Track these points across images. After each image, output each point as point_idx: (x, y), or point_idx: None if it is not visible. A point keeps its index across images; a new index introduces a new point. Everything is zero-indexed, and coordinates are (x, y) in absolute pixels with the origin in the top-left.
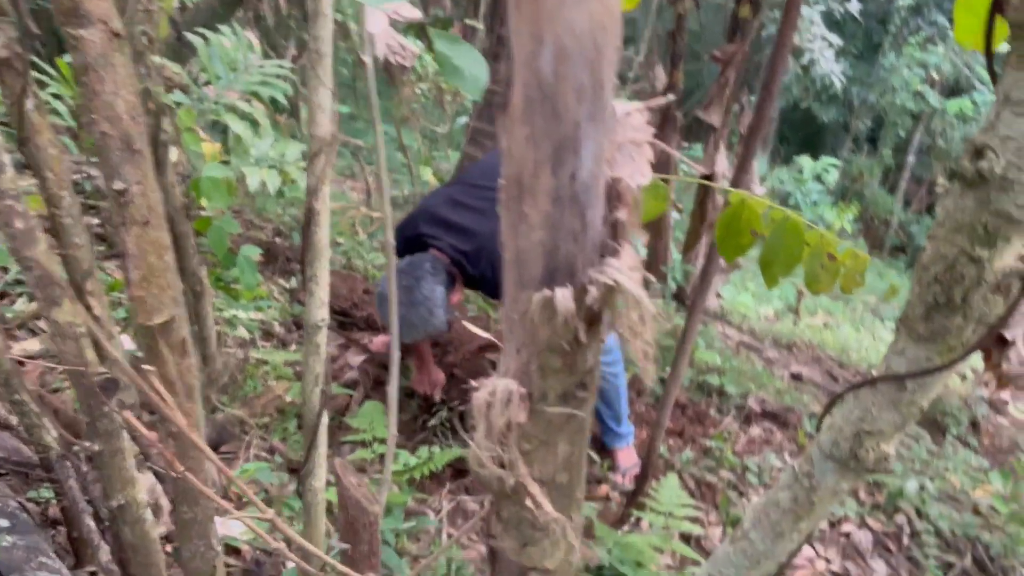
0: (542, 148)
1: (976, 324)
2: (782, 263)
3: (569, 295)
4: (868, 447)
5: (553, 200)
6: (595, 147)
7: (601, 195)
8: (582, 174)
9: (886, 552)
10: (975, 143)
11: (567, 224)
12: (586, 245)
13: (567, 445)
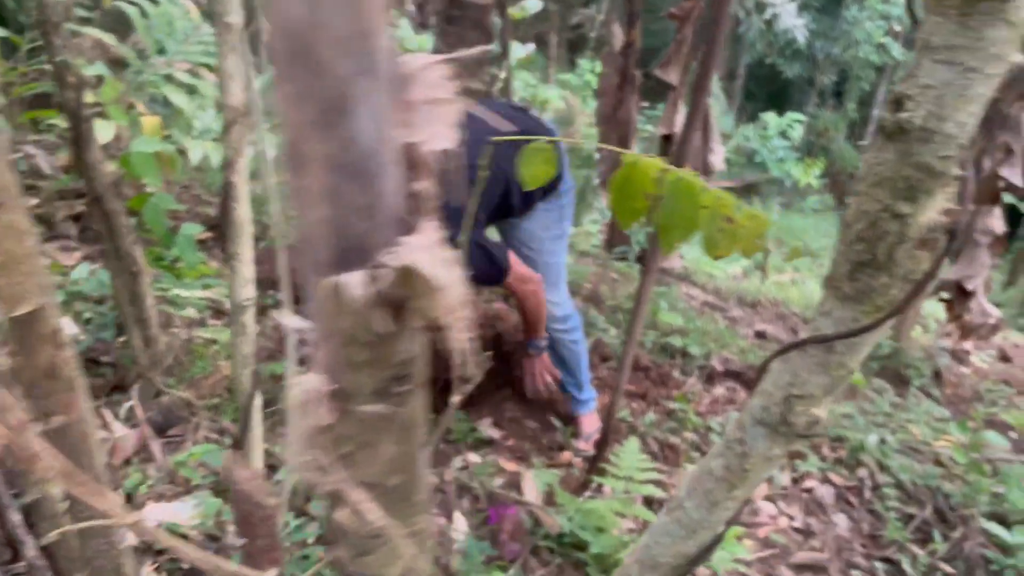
0: (308, 108)
1: (902, 282)
2: (679, 227)
3: (360, 281)
4: (799, 411)
5: (331, 169)
6: (373, 107)
7: (393, 163)
8: (361, 138)
9: (848, 506)
10: (896, 93)
11: (352, 198)
12: (380, 222)
13: (393, 445)
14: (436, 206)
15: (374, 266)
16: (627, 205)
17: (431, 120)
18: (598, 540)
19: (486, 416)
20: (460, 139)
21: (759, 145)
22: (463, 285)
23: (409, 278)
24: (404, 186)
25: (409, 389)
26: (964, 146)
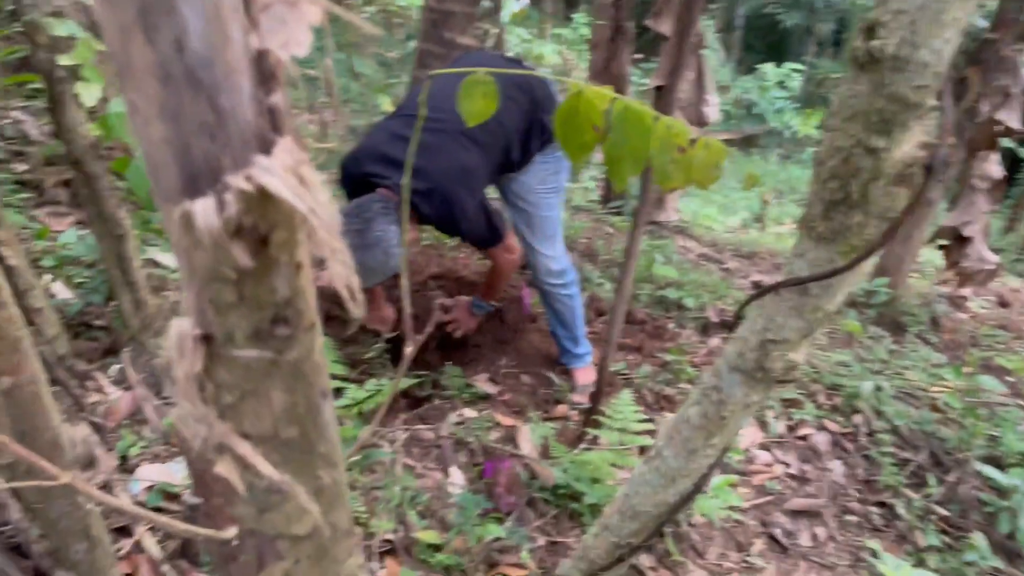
0: (123, 8)
1: (878, 220)
2: (629, 159)
3: (208, 207)
4: (775, 356)
5: (162, 80)
6: (204, 4)
7: (239, 72)
8: (192, 43)
9: (843, 452)
10: (868, 20)
11: (192, 113)
12: (230, 140)
13: (284, 393)
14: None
15: (224, 189)
16: (575, 139)
17: (284, 23)
18: (593, 491)
19: (482, 372)
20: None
21: (758, 96)
22: (333, 210)
23: (265, 203)
24: (256, 99)
25: (293, 333)
26: (940, 75)
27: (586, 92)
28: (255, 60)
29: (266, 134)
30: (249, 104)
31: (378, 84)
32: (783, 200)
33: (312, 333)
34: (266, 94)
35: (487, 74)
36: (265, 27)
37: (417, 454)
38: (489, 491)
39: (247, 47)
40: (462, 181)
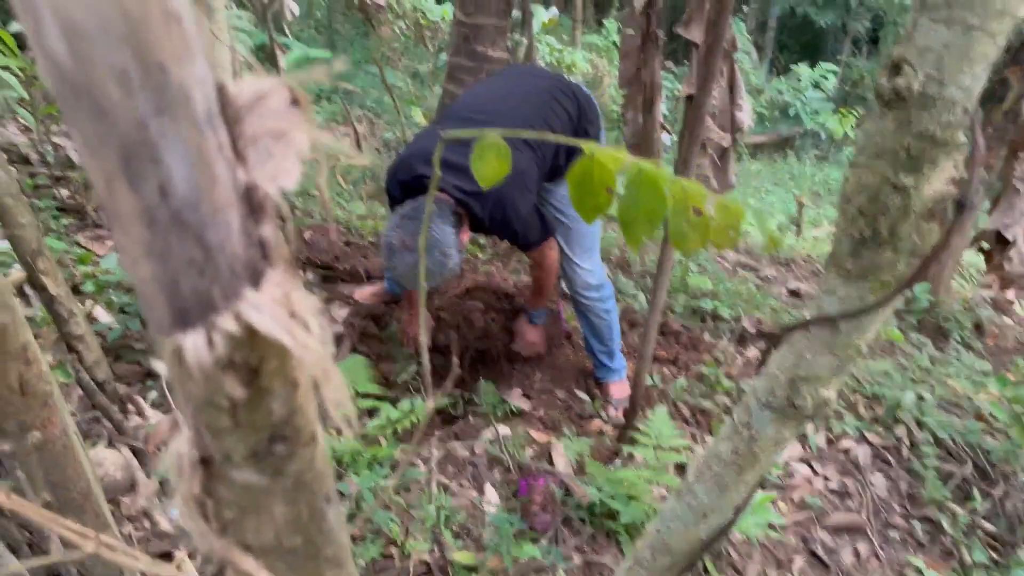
0: (105, 157)
1: (909, 256)
2: (643, 222)
3: (202, 343)
4: (806, 394)
5: (147, 225)
6: (188, 149)
7: (227, 208)
8: (177, 188)
9: (885, 465)
10: (892, 58)
11: (180, 253)
12: (219, 275)
13: (286, 505)
14: (283, 255)
15: (212, 327)
16: (588, 201)
17: (273, 155)
18: (628, 509)
19: (515, 387)
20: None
21: (792, 98)
22: (323, 340)
23: (254, 338)
24: (245, 232)
25: (294, 450)
26: (969, 110)
27: (599, 154)
28: (243, 194)
29: (257, 264)
30: (238, 238)
31: (410, 97)
32: (820, 202)
33: (313, 445)
34: (256, 226)
35: (531, 77)
36: (253, 160)
37: (452, 472)
38: (524, 509)
39: (235, 182)
40: (515, 182)
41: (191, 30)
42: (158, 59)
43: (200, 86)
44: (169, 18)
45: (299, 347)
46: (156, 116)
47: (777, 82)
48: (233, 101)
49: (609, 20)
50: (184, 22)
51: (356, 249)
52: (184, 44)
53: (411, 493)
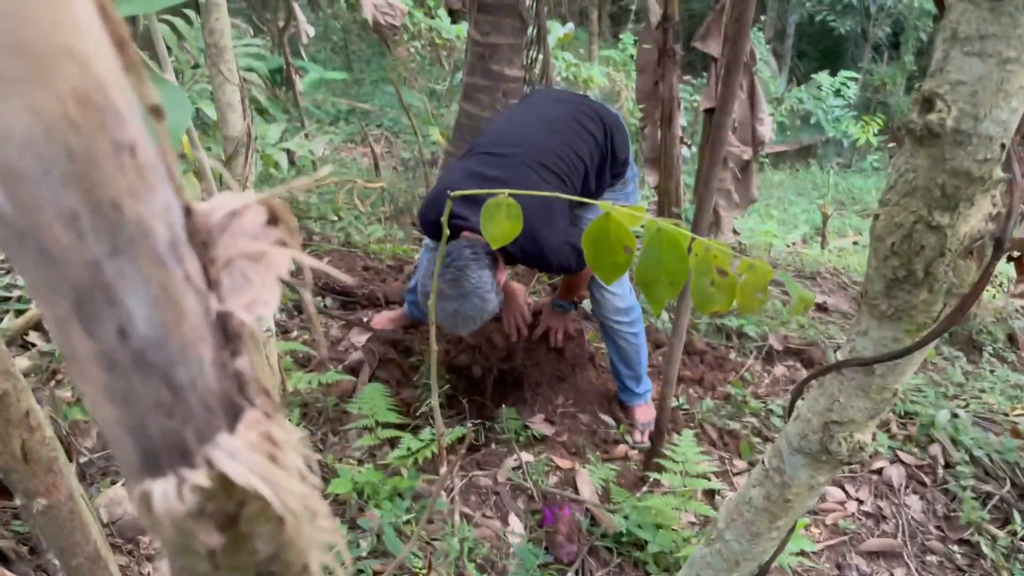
0: (56, 303)
1: (946, 296)
2: (664, 283)
3: (172, 491)
4: (840, 439)
5: (107, 368)
6: (150, 287)
7: (196, 343)
8: (139, 329)
9: (920, 486)
10: (923, 92)
11: (145, 394)
12: (191, 414)
13: None
14: (263, 386)
15: (182, 476)
16: (606, 260)
17: (249, 280)
18: (657, 538)
19: (538, 412)
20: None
21: (813, 106)
22: (304, 481)
23: (229, 487)
24: (220, 365)
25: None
26: (1007, 145)
27: (615, 213)
28: (217, 324)
29: (233, 399)
30: (211, 372)
31: (427, 116)
32: (844, 211)
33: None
34: (232, 357)
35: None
36: (227, 287)
37: (474, 502)
38: (549, 539)
39: (207, 313)
40: (543, 214)
41: (147, 158)
42: (110, 197)
43: (161, 217)
44: (119, 150)
45: (279, 495)
46: (111, 257)
47: (797, 91)
48: (203, 224)
49: (625, 34)
50: (139, 151)
51: (375, 273)
52: (139, 176)
53: (433, 524)
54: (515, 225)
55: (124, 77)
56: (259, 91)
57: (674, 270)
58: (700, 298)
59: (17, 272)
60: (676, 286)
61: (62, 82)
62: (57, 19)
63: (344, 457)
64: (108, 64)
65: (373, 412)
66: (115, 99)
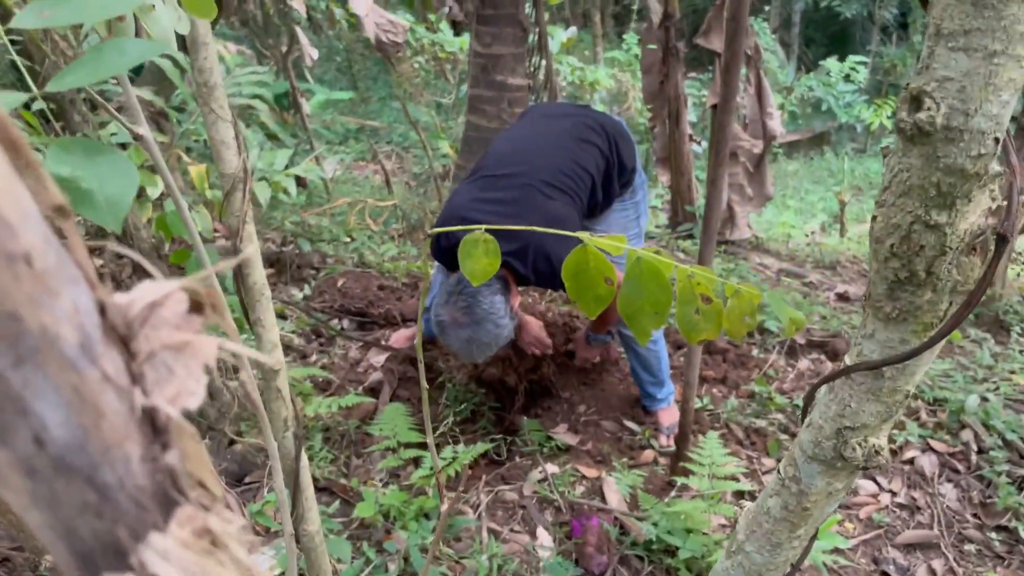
0: None
1: (951, 294)
2: (649, 312)
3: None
4: (854, 444)
5: (27, 475)
6: (61, 392)
7: (121, 442)
8: (55, 435)
9: (953, 474)
10: (911, 91)
11: (69, 498)
12: (121, 514)
13: None
14: (199, 477)
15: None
16: (588, 294)
17: (174, 372)
18: (688, 543)
19: (561, 422)
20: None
21: (824, 93)
22: (250, 568)
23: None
24: (150, 460)
25: None
26: (1001, 139)
27: (591, 243)
28: (143, 420)
29: (168, 493)
30: (140, 469)
31: (435, 130)
32: (862, 197)
33: None
34: (162, 451)
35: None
36: (151, 380)
37: (501, 517)
38: (579, 551)
39: (132, 409)
40: (555, 235)
41: (49, 263)
42: (7, 309)
43: (68, 320)
44: (13, 261)
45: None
46: (15, 368)
47: (806, 78)
48: (121, 318)
49: (629, 33)
50: (35, 259)
51: (390, 292)
52: (38, 283)
53: (461, 542)
54: (493, 261)
55: (18, 182)
56: (267, 117)
57: (657, 300)
58: (686, 327)
59: None
60: (661, 316)
61: None
62: None
63: (368, 480)
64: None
65: (395, 433)
66: (3, 210)
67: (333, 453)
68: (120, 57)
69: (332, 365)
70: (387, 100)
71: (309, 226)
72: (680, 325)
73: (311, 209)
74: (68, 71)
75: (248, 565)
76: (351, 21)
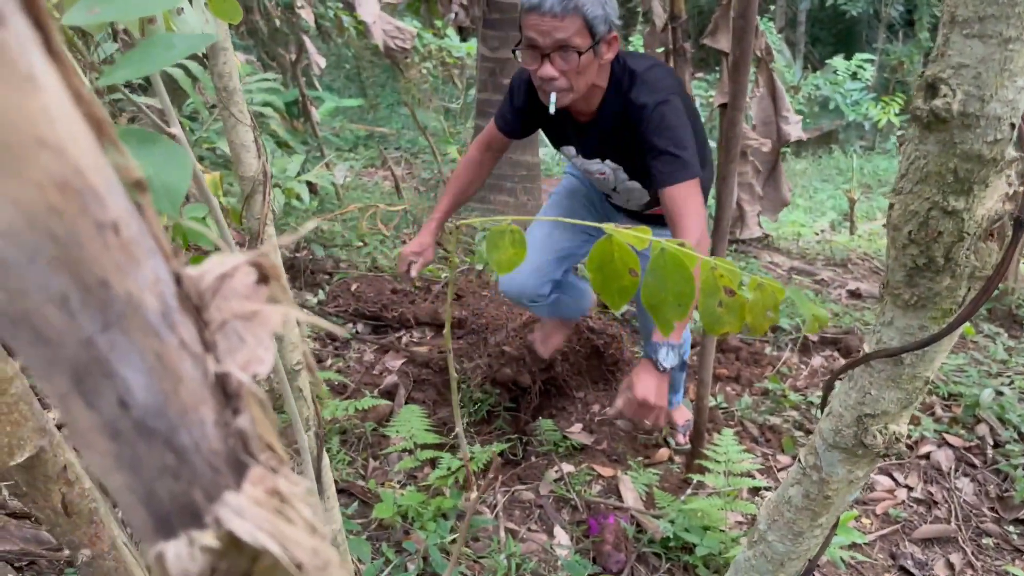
0: (55, 380)
1: (970, 280)
2: (671, 304)
3: (184, 552)
4: (874, 431)
5: (112, 438)
6: (145, 356)
7: (197, 406)
8: (138, 398)
9: (970, 468)
10: (926, 78)
11: (150, 460)
12: (196, 476)
13: None
14: (267, 441)
15: (192, 537)
16: (612, 286)
17: (244, 340)
18: (705, 540)
19: (575, 422)
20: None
21: (831, 91)
22: (313, 532)
23: (238, 546)
24: (222, 425)
25: None
26: (1017, 124)
27: (617, 235)
28: (215, 386)
29: (238, 456)
30: (214, 433)
31: (444, 135)
32: (871, 194)
33: None
34: (233, 416)
35: None
36: (223, 348)
37: (519, 517)
38: (596, 550)
39: (205, 376)
40: (688, 102)
41: (133, 233)
42: (97, 276)
43: (150, 288)
44: (103, 230)
45: (289, 549)
46: (103, 332)
47: (813, 77)
48: (195, 289)
49: (635, 35)
50: (122, 229)
51: (403, 295)
52: (125, 252)
53: (479, 542)
54: (520, 252)
55: (103, 157)
56: (277, 125)
57: (681, 291)
58: (709, 320)
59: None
60: (684, 307)
61: (38, 172)
62: (26, 112)
63: (386, 481)
64: (84, 147)
65: (411, 435)
66: (94, 181)
67: (350, 455)
68: (168, 51)
69: (347, 369)
70: (396, 106)
71: (322, 231)
72: (702, 317)
73: (323, 215)
74: (120, 65)
75: (314, 525)
76: (359, 28)
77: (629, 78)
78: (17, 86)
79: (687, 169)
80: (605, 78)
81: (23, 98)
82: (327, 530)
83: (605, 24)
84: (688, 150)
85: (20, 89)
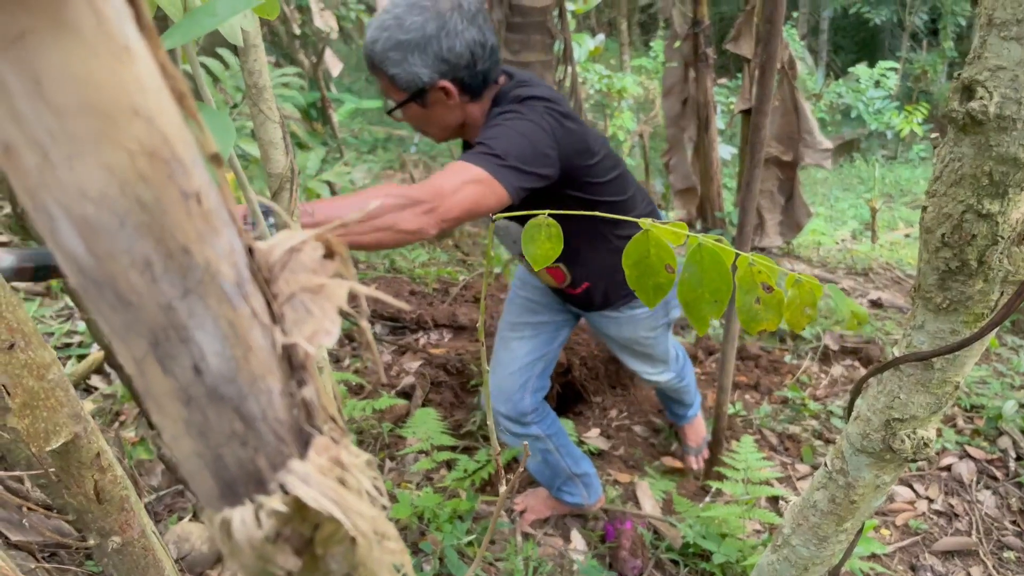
0: (134, 344)
1: (1003, 284)
2: (708, 301)
3: (250, 518)
4: (903, 436)
5: (184, 403)
6: (219, 324)
7: (265, 376)
8: (211, 365)
9: (992, 481)
10: (963, 80)
11: (219, 427)
12: (262, 443)
13: None
14: (330, 412)
15: (260, 506)
16: (649, 282)
17: (311, 312)
18: (722, 548)
19: (592, 427)
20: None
21: (853, 100)
22: (372, 503)
23: (305, 511)
24: (288, 395)
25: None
26: None
27: (655, 230)
28: (282, 357)
29: (302, 426)
30: (280, 402)
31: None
32: (893, 204)
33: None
34: (298, 387)
35: None
36: (290, 320)
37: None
38: (613, 555)
39: (273, 346)
40: (544, 101)
41: (212, 204)
42: (180, 243)
43: (226, 258)
44: (187, 198)
45: (351, 517)
46: (183, 298)
47: (835, 85)
48: (265, 261)
49: (656, 41)
50: (204, 199)
51: (421, 297)
52: (206, 221)
53: (495, 544)
54: (557, 246)
55: (186, 128)
56: (297, 125)
57: (717, 287)
58: (746, 316)
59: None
60: (721, 304)
61: (130, 139)
62: (122, 80)
63: (402, 482)
64: (171, 118)
65: (428, 436)
66: (180, 151)
67: (367, 456)
68: (211, 17)
69: (365, 369)
70: None
71: None
72: (740, 315)
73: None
74: (168, 33)
75: (375, 495)
76: None
77: (508, 103)
78: (117, 56)
79: (487, 161)
80: (483, 110)
81: (121, 68)
82: (385, 501)
83: (416, 79)
84: (506, 158)
85: (119, 59)
